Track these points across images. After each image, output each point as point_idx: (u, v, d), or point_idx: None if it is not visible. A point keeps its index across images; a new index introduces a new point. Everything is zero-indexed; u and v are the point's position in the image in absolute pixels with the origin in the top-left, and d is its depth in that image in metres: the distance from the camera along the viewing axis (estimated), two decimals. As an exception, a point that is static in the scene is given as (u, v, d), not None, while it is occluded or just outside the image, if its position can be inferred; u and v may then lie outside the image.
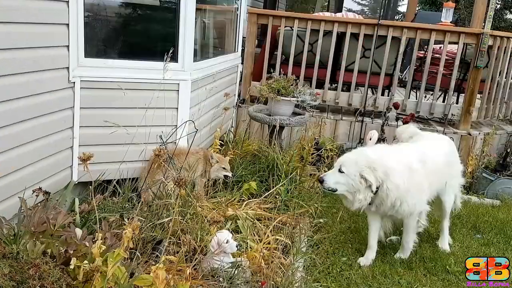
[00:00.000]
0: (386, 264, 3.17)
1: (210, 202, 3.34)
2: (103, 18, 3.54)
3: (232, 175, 3.68)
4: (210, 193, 3.55)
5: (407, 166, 2.99)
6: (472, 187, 4.81)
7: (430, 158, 3.14)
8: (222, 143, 4.26)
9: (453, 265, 3.19)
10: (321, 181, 3.04)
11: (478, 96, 5.56)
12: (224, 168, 3.61)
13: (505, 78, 5.69)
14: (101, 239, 1.94)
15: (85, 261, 1.89)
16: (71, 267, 1.88)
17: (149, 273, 1.97)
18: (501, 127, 5.59)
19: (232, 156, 4.04)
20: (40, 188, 2.35)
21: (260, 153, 4.10)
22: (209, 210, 3.18)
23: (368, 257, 3.20)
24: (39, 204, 2.39)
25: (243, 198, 3.54)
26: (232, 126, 5.15)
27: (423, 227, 3.31)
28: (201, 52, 4.34)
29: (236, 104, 5.32)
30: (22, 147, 2.63)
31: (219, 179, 3.65)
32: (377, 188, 2.92)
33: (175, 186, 2.09)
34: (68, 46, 2.94)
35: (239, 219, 3.11)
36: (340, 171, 2.98)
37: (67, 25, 2.90)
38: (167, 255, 2.20)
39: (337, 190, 2.99)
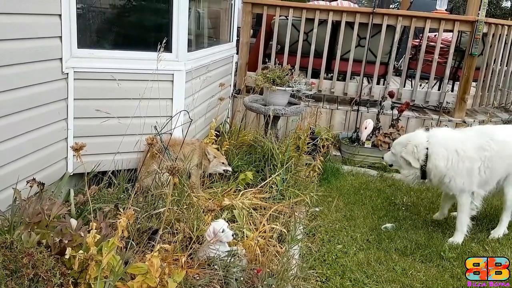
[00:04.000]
0: (381, 251, 3.20)
1: (206, 193, 3.36)
2: (96, 8, 3.51)
3: (231, 170, 3.68)
4: (206, 183, 3.56)
5: (454, 151, 3.25)
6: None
7: (494, 147, 3.26)
8: (218, 133, 4.26)
9: (447, 251, 3.21)
10: (383, 157, 3.72)
11: (473, 84, 5.57)
12: (223, 163, 3.61)
13: (500, 65, 5.70)
14: (96, 229, 1.94)
15: (80, 251, 1.89)
16: (67, 257, 1.89)
17: (145, 262, 1.98)
18: (496, 115, 5.61)
19: (228, 146, 4.04)
20: (34, 179, 2.35)
21: (256, 143, 4.10)
22: (205, 200, 3.19)
23: (441, 214, 3.76)
24: (33, 196, 2.39)
25: (239, 188, 3.56)
26: (228, 117, 5.14)
27: (476, 210, 3.41)
28: (196, 42, 4.32)
29: (232, 94, 5.31)
30: (16, 138, 2.62)
31: (215, 174, 3.65)
32: (424, 166, 3.31)
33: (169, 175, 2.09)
34: (60, 37, 2.92)
35: (235, 209, 3.13)
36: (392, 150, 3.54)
37: (59, 15, 2.87)
38: (162, 244, 2.21)
39: (392, 165, 3.60)
